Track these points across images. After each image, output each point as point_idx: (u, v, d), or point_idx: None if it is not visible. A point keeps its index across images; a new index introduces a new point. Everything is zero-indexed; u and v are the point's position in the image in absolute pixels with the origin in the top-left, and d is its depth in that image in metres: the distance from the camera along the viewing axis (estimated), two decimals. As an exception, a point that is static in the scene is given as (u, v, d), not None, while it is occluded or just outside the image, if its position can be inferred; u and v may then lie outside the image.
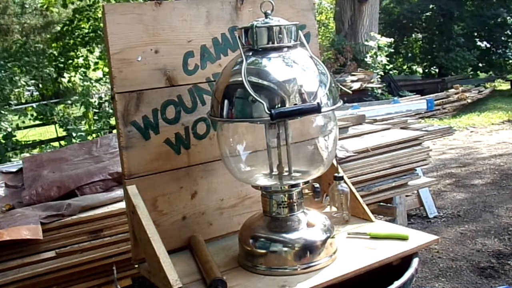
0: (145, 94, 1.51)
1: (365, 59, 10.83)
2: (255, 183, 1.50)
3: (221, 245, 1.62)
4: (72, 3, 11.72)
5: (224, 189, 1.66)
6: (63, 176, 2.58)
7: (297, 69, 1.36)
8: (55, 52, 11.67)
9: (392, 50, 12.36)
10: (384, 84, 10.77)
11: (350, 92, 8.04)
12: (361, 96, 9.28)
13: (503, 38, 15.00)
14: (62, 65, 11.95)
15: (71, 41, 11.82)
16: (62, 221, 2.16)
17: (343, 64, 10.16)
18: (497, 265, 3.01)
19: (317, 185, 1.67)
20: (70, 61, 12.02)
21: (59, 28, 11.26)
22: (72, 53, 11.83)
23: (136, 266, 1.55)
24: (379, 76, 10.83)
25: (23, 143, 7.66)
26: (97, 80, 8.89)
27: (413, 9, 15.40)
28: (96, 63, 12.24)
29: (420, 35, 16.55)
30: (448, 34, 15.16)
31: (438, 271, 3.01)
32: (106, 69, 9.99)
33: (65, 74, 12.41)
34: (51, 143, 8.18)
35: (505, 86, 14.14)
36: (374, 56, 10.87)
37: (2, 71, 8.12)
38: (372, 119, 4.63)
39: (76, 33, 11.69)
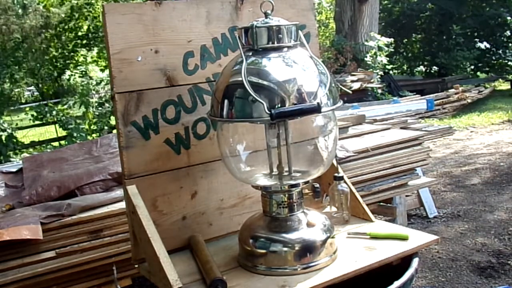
0: (145, 94, 1.51)
1: (365, 59, 10.82)
2: (255, 183, 1.50)
3: (221, 245, 1.62)
4: (70, 1, 11.72)
5: (224, 189, 1.66)
6: (63, 176, 2.58)
7: (297, 69, 1.36)
8: (54, 52, 11.68)
9: (392, 50, 12.35)
10: (384, 84, 10.76)
11: (350, 92, 8.03)
12: (361, 96, 9.27)
13: (503, 38, 15.00)
14: (61, 65, 11.97)
15: (72, 44, 11.84)
16: (62, 221, 2.17)
17: (343, 64, 10.15)
18: (497, 265, 3.01)
19: (317, 185, 1.67)
20: (69, 61, 12.04)
21: (58, 28, 11.27)
22: (72, 53, 11.85)
23: (136, 266, 1.55)
24: (379, 76, 10.82)
25: (23, 143, 7.67)
26: (98, 83, 8.90)
27: (413, 9, 15.40)
28: (95, 61, 12.23)
29: (420, 35, 16.55)
30: (448, 34, 15.16)
31: (438, 271, 3.01)
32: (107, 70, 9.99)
33: (66, 73, 12.42)
34: (51, 143, 8.19)
35: (505, 86, 14.14)
36: (374, 56, 10.87)
37: (3, 71, 8.13)
38: (372, 119, 4.63)
39: (76, 32, 11.70)
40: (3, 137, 6.95)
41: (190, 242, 1.58)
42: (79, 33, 12.08)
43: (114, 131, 4.44)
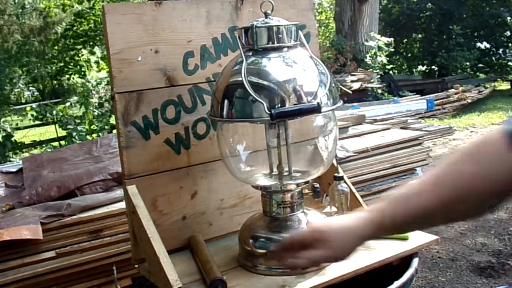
0: (145, 94, 1.51)
1: (365, 59, 10.82)
2: (255, 183, 1.50)
3: (221, 245, 1.62)
4: (72, 6, 11.76)
5: (224, 189, 1.66)
6: (63, 176, 2.58)
7: (297, 69, 1.36)
8: (54, 53, 11.68)
9: (392, 50, 12.35)
10: (384, 84, 10.76)
11: (350, 92, 8.02)
12: (361, 96, 9.27)
13: (503, 38, 15.00)
14: (62, 64, 11.95)
15: (72, 41, 11.84)
16: (62, 221, 2.17)
17: (343, 64, 10.15)
18: (497, 265, 3.01)
19: (317, 185, 1.67)
20: (71, 60, 12.04)
21: (59, 29, 11.27)
22: (72, 53, 11.85)
23: (136, 266, 1.55)
24: (379, 76, 10.82)
25: (23, 143, 7.66)
26: (99, 83, 8.90)
27: (413, 9, 15.41)
28: (97, 62, 12.25)
29: (420, 35, 16.56)
30: (448, 34, 15.17)
31: (438, 271, 3.01)
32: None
33: (65, 72, 12.41)
34: (51, 143, 8.18)
35: (505, 86, 14.13)
36: (374, 56, 10.87)
37: (2, 72, 8.12)
38: (372, 119, 4.64)
39: (77, 32, 11.72)
40: (1, 137, 6.95)
41: (190, 242, 1.58)
42: (78, 31, 12.10)
43: (114, 131, 4.44)
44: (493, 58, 15.13)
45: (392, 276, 1.36)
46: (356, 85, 9.48)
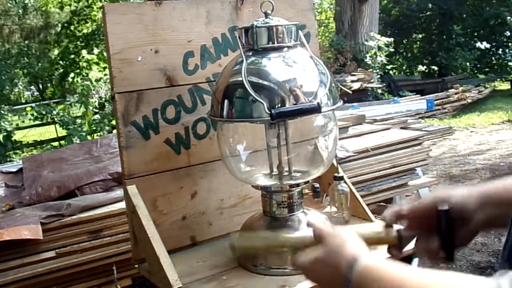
0: (145, 94, 1.51)
1: (365, 59, 10.82)
2: (255, 183, 1.50)
3: (221, 245, 1.62)
4: (70, 5, 11.75)
5: (224, 189, 1.66)
6: (63, 176, 2.58)
7: (297, 69, 1.36)
8: (55, 55, 11.69)
9: (392, 50, 12.35)
10: (384, 84, 10.76)
11: (350, 92, 8.02)
12: (361, 96, 9.27)
13: (503, 38, 15.01)
14: (65, 68, 11.97)
15: (72, 45, 11.85)
16: (62, 221, 2.17)
17: (343, 64, 10.15)
18: (497, 265, 3.01)
19: (317, 185, 1.67)
20: (73, 64, 12.06)
21: (58, 28, 11.29)
22: (73, 56, 11.86)
23: (136, 266, 1.55)
24: (379, 76, 10.82)
25: (23, 143, 7.66)
26: (97, 80, 8.89)
27: (413, 9, 15.41)
28: (97, 64, 12.26)
29: (420, 35, 16.56)
30: (448, 34, 15.17)
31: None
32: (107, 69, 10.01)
33: (69, 77, 12.42)
34: (51, 143, 8.18)
35: (505, 86, 14.13)
36: (374, 56, 10.87)
37: (3, 73, 8.12)
38: (372, 119, 4.64)
39: (77, 34, 11.72)
40: (1, 137, 6.95)
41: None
42: (78, 35, 12.11)
43: (114, 131, 4.44)
44: (493, 58, 15.15)
45: (392, 276, 1.35)
46: (356, 85, 9.48)
